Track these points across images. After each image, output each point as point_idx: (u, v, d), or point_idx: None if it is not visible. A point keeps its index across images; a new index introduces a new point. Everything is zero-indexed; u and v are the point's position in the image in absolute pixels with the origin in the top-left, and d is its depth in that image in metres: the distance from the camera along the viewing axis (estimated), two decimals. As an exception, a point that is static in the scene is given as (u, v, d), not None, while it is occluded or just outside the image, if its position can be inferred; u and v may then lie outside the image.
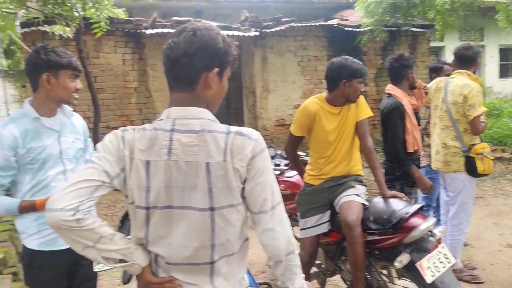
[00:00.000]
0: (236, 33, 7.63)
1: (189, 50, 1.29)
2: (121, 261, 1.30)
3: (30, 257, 2.05)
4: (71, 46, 7.02)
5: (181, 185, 1.27)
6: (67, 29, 6.58)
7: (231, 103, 9.27)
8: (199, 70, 1.30)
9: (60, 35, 6.62)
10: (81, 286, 2.19)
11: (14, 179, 2.03)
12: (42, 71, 2.00)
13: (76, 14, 4.31)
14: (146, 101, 8.00)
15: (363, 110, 2.95)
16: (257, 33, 7.91)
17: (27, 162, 2.00)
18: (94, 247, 1.26)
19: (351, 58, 2.89)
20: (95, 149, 1.34)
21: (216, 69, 1.32)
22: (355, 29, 8.93)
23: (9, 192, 2.09)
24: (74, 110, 2.28)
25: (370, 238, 2.69)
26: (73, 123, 2.22)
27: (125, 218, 2.54)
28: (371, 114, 2.99)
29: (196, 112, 1.31)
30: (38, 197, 2.01)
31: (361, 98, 2.95)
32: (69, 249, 2.07)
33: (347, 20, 10.04)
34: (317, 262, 3.16)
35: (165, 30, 7.25)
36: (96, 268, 1.96)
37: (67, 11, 4.06)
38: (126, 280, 2.17)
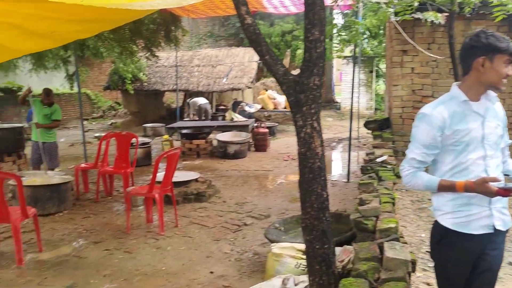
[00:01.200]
0: None
1: None
2: None
3: (441, 234, 2.14)
4: (438, 32, 7.04)
5: None
6: (439, 15, 6.56)
7: None
8: None
9: (431, 21, 6.68)
10: (482, 275, 2.13)
11: (435, 158, 2.15)
12: (478, 54, 2.02)
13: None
14: (510, 90, 7.21)
15: None
16: None
17: (450, 143, 2.08)
18: None
19: None
20: None
21: None
22: None
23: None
24: None
25: None
26: (495, 109, 2.18)
27: None
28: None
29: None
30: (457, 178, 2.06)
31: None
32: (479, 235, 2.06)
33: None
34: None
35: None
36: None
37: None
38: None
